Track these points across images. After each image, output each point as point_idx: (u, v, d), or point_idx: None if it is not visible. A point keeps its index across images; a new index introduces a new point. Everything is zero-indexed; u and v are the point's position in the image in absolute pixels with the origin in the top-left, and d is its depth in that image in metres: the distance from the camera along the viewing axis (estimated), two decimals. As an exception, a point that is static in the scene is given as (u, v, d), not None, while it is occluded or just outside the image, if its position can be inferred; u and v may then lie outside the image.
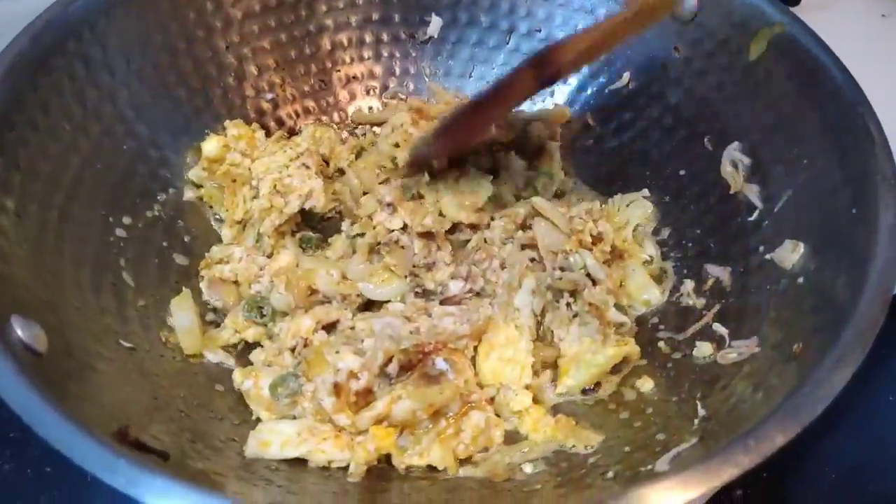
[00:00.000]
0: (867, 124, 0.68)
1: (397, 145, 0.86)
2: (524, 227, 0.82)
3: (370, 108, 1.00)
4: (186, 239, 0.83)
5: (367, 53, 0.99)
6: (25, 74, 0.70)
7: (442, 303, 0.78)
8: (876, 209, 0.63)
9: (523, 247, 0.81)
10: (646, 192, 0.89)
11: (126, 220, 0.78)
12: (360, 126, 0.99)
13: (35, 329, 0.57)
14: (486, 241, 0.82)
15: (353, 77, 0.99)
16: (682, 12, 0.85)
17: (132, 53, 0.81)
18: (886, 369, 0.84)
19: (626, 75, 0.92)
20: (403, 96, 1.00)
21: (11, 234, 0.64)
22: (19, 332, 0.55)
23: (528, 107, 0.98)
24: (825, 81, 0.73)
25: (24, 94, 0.70)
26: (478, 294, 0.79)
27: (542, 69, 0.69)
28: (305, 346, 0.74)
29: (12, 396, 0.49)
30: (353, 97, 0.99)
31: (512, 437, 0.71)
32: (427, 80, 1.00)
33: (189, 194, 0.85)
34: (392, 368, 0.70)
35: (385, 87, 1.00)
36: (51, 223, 0.69)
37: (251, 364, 0.75)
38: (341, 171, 0.90)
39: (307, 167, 0.80)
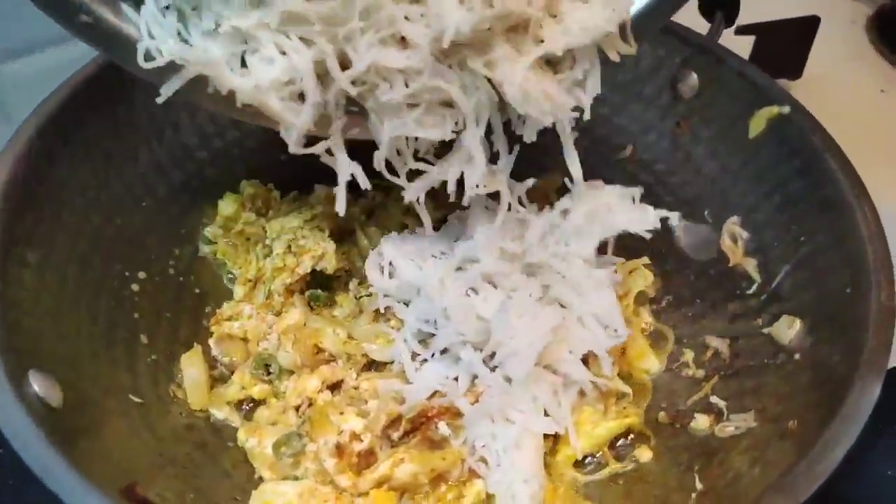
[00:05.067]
0: (862, 208, 0.70)
1: (407, 211, 0.88)
2: (528, 292, 0.84)
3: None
4: (198, 294, 0.85)
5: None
6: (59, 129, 0.72)
7: (444, 365, 0.80)
8: (869, 290, 0.66)
9: (527, 311, 0.82)
10: (646, 259, 0.91)
11: (141, 274, 0.80)
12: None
13: (51, 383, 0.58)
14: (489, 304, 0.83)
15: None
16: (684, 90, 0.89)
17: (156, 112, 0.83)
18: (882, 444, 0.84)
19: (630, 147, 0.95)
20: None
21: (32, 287, 0.66)
22: (36, 386, 0.57)
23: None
24: (822, 164, 0.75)
25: (56, 149, 0.72)
26: (480, 358, 0.81)
27: None
28: (310, 405, 0.75)
29: (28, 452, 0.50)
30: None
31: (512, 505, 0.72)
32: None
33: (204, 250, 0.87)
34: (394, 431, 0.71)
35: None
36: (70, 276, 0.71)
37: (254, 422, 0.76)
38: (351, 232, 0.92)
39: (321, 230, 0.83)
